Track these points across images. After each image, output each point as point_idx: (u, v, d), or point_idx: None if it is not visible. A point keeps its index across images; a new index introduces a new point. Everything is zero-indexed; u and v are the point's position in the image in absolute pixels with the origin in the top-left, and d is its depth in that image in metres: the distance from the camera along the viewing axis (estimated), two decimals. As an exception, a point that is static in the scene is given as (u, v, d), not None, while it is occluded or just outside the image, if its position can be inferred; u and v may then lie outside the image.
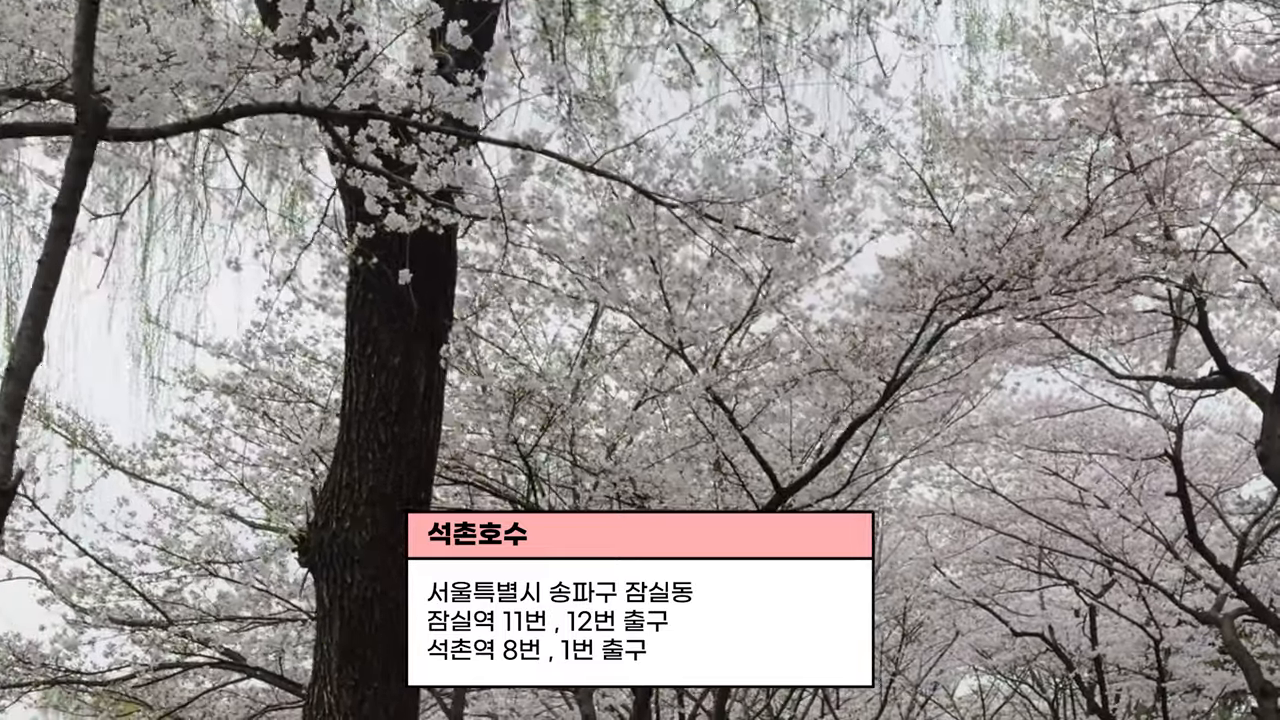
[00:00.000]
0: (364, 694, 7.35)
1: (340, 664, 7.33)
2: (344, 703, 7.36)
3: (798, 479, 9.14)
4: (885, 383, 8.53)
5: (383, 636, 7.33)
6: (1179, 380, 12.40)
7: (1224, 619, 15.59)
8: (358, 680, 7.34)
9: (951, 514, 16.98)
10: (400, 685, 7.43)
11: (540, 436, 8.72)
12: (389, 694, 7.40)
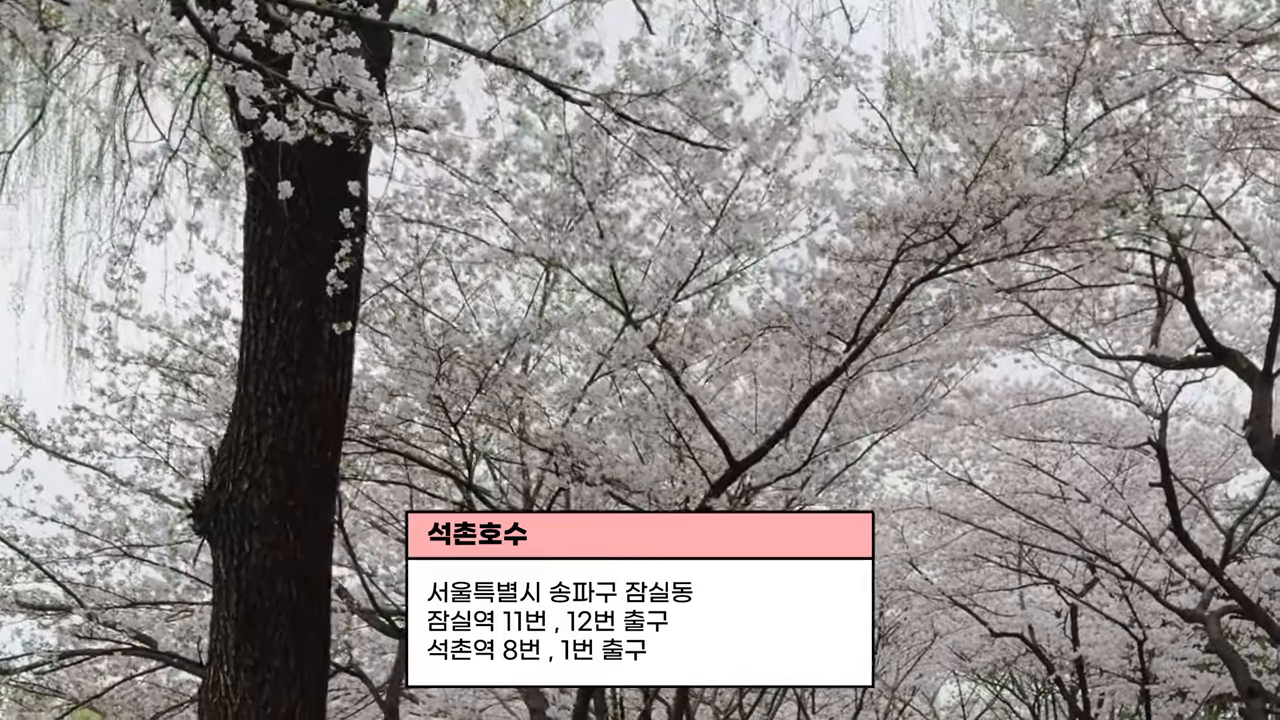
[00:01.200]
0: (264, 675, 6.65)
1: (238, 641, 6.63)
2: (242, 684, 6.66)
3: (753, 452, 8.48)
4: (846, 344, 7.88)
5: (285, 610, 6.64)
6: (1164, 360, 11.78)
7: (1210, 617, 14.97)
8: (257, 660, 6.64)
9: (928, 508, 16.31)
10: (305, 665, 6.76)
11: (471, 402, 8.05)
12: (292, 674, 6.70)
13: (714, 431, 8.26)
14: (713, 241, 7.42)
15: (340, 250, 6.33)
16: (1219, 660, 18.89)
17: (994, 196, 6.77)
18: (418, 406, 8.20)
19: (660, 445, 9.19)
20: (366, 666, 13.19)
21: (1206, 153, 10.75)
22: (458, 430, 8.18)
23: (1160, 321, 11.97)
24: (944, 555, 17.42)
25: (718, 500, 8.50)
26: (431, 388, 7.77)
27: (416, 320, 7.90)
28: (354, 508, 11.96)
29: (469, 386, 7.96)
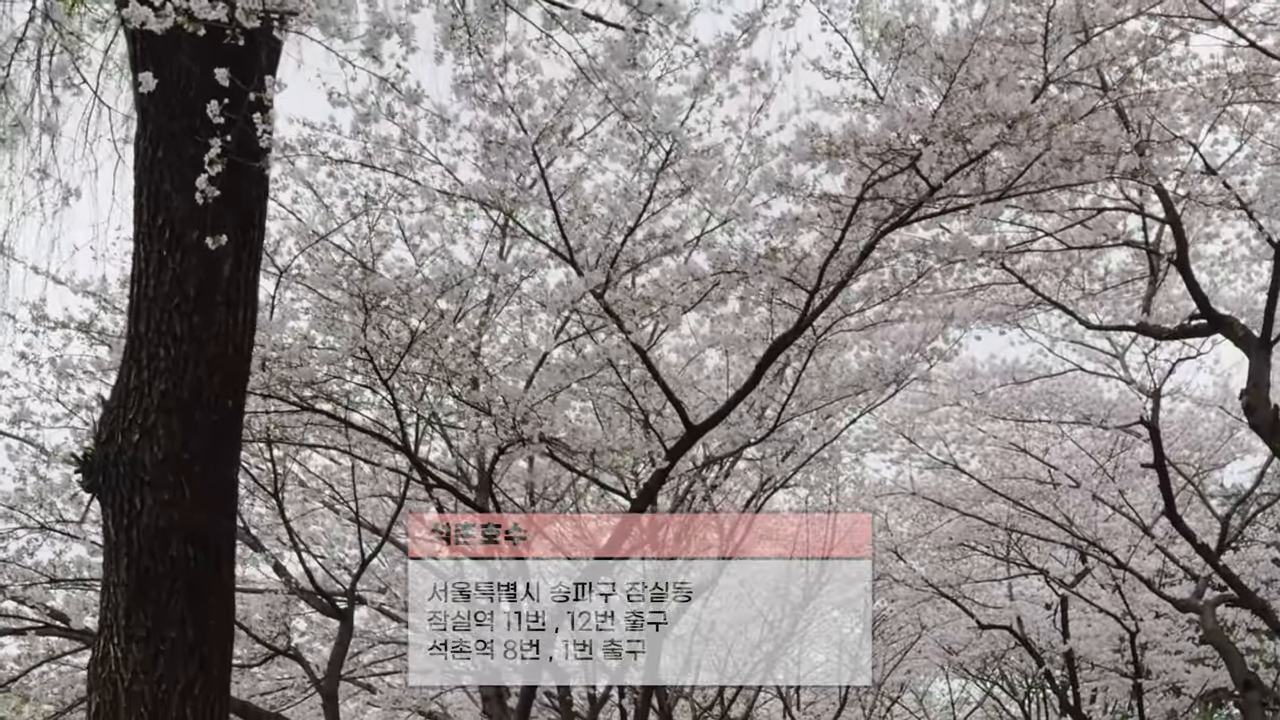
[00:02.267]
0: (158, 647, 5.98)
1: (129, 609, 5.96)
2: (133, 657, 6.00)
3: (711, 415, 7.85)
4: (808, 293, 7.25)
5: (181, 575, 5.99)
6: (1157, 330, 11.15)
7: (1205, 606, 14.36)
8: (150, 630, 5.98)
9: (912, 493, 15.68)
10: (204, 636, 6.12)
11: (403, 357, 7.42)
12: (190, 646, 6.05)
13: (669, 392, 7.63)
14: (665, 181, 6.80)
15: (242, 180, 5.75)
16: (1214, 653, 18.27)
17: (963, 117, 6.14)
18: (351, 365, 7.57)
19: (614, 409, 8.56)
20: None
21: (1202, 108, 10.20)
22: (390, 389, 7.55)
23: (1152, 290, 11.36)
24: (929, 544, 16.78)
25: (674, 467, 7.88)
26: (355, 338, 7.14)
27: (346, 267, 7.26)
28: (303, 485, 11.34)
29: (402, 340, 7.33)
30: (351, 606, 9.43)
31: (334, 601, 9.50)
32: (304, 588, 9.54)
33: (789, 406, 9.06)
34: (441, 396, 8.46)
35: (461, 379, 7.61)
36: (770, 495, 12.85)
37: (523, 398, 7.34)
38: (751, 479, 13.16)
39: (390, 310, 7.31)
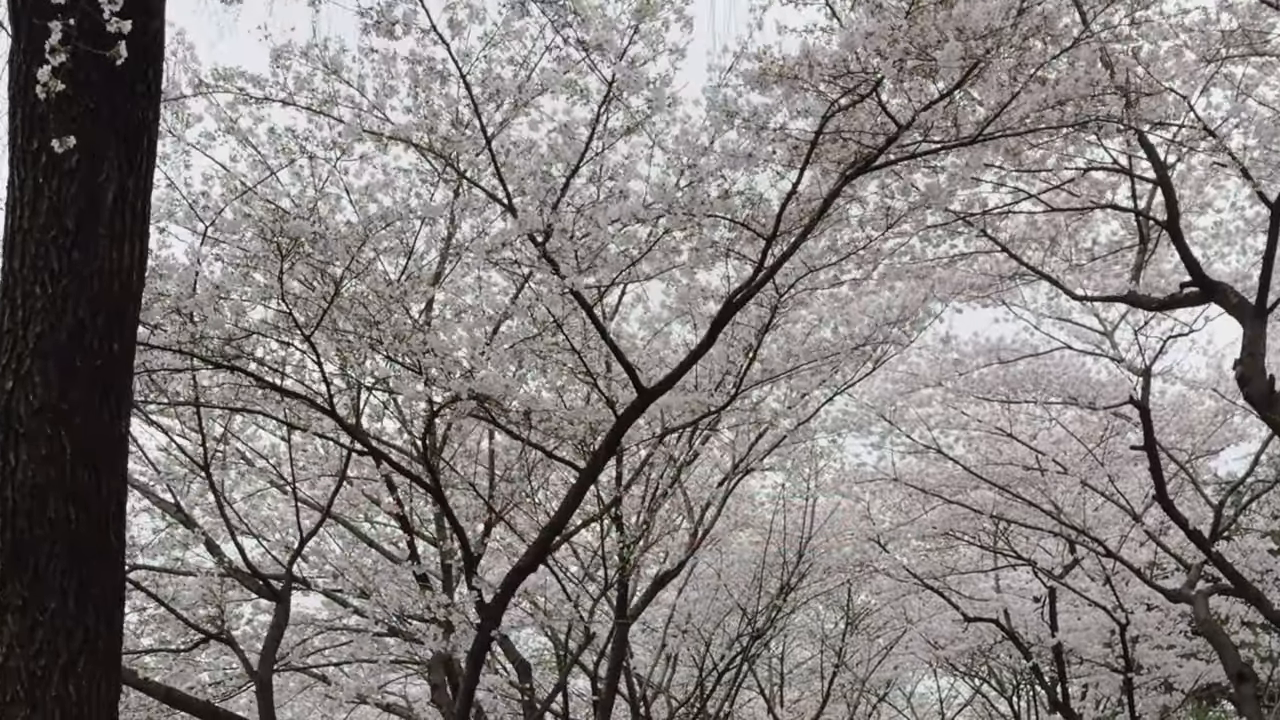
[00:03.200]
0: (35, 618, 5.40)
1: (2, 577, 5.39)
2: (9, 630, 5.41)
3: (664, 378, 7.28)
4: (765, 240, 6.68)
5: (62, 539, 5.41)
6: (1146, 300, 10.60)
7: (1198, 596, 13.79)
8: (26, 600, 5.39)
9: (893, 479, 15.11)
10: (88, 608, 5.54)
11: (326, 310, 6.83)
12: (73, 618, 5.47)
13: (618, 353, 7.06)
14: (608, 117, 6.23)
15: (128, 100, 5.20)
16: (1207, 647, 17.73)
17: (928, 34, 5.57)
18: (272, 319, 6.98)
19: (563, 374, 7.98)
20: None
21: (1193, 66, 9.67)
22: (313, 346, 6.96)
23: (1142, 259, 10.81)
24: (912, 533, 16.20)
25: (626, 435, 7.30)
26: (270, 287, 6.56)
27: (261, 212, 6.68)
28: (248, 463, 10.76)
29: (325, 295, 6.76)
30: (288, 588, 8.85)
31: (270, 583, 8.92)
32: (238, 568, 8.96)
33: (751, 373, 8.47)
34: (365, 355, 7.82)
35: (391, 338, 7.01)
36: (742, 478, 12.28)
37: (455, 350, 6.76)
38: (724, 461, 12.60)
39: (311, 259, 6.75)
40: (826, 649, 20.32)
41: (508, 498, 9.52)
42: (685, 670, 19.25)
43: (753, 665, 19.41)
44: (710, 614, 16.79)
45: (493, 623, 7.84)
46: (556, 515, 7.70)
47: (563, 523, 7.71)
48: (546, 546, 7.84)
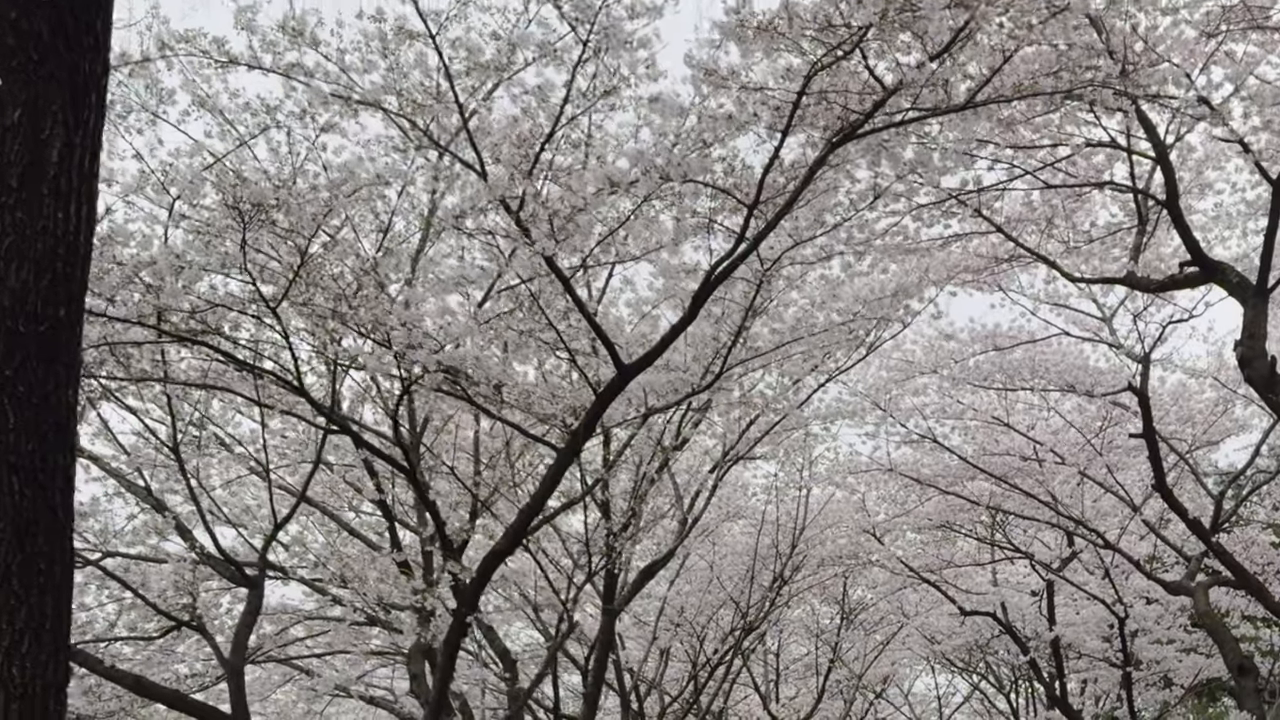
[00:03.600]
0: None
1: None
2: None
3: (644, 354, 7.02)
4: (747, 208, 6.43)
5: (5, 516, 5.16)
6: (1146, 282, 10.34)
7: (1197, 588, 13.54)
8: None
9: (888, 470, 14.85)
10: (32, 587, 5.29)
11: (292, 281, 6.59)
12: (15, 597, 5.23)
13: (596, 328, 6.80)
14: (582, 79, 5.98)
15: (74, 52, 4.93)
16: (1207, 642, 17.48)
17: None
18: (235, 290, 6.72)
19: (538, 348, 7.72)
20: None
21: (1192, 42, 9.43)
22: (279, 319, 6.70)
23: (1140, 240, 10.56)
24: (908, 524, 15.94)
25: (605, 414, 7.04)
26: (231, 256, 6.31)
27: (225, 177, 6.42)
28: (226, 449, 10.52)
29: (293, 266, 6.51)
30: (262, 575, 8.60)
31: (243, 570, 8.67)
32: (211, 554, 8.71)
33: (737, 354, 8.21)
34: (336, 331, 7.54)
35: (360, 312, 6.75)
36: (732, 466, 12.03)
37: (422, 322, 6.50)
38: (714, 450, 12.35)
39: (276, 228, 6.50)
40: (822, 644, 20.06)
41: (492, 485, 9.26)
42: (680, 666, 19.02)
43: (747, 661, 19.17)
44: (703, 607, 16.54)
45: (468, 608, 7.59)
46: (534, 497, 7.45)
47: (540, 504, 7.46)
48: (524, 529, 7.59)
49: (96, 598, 10.52)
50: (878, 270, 10.78)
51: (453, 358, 6.58)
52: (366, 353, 6.83)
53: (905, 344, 13.34)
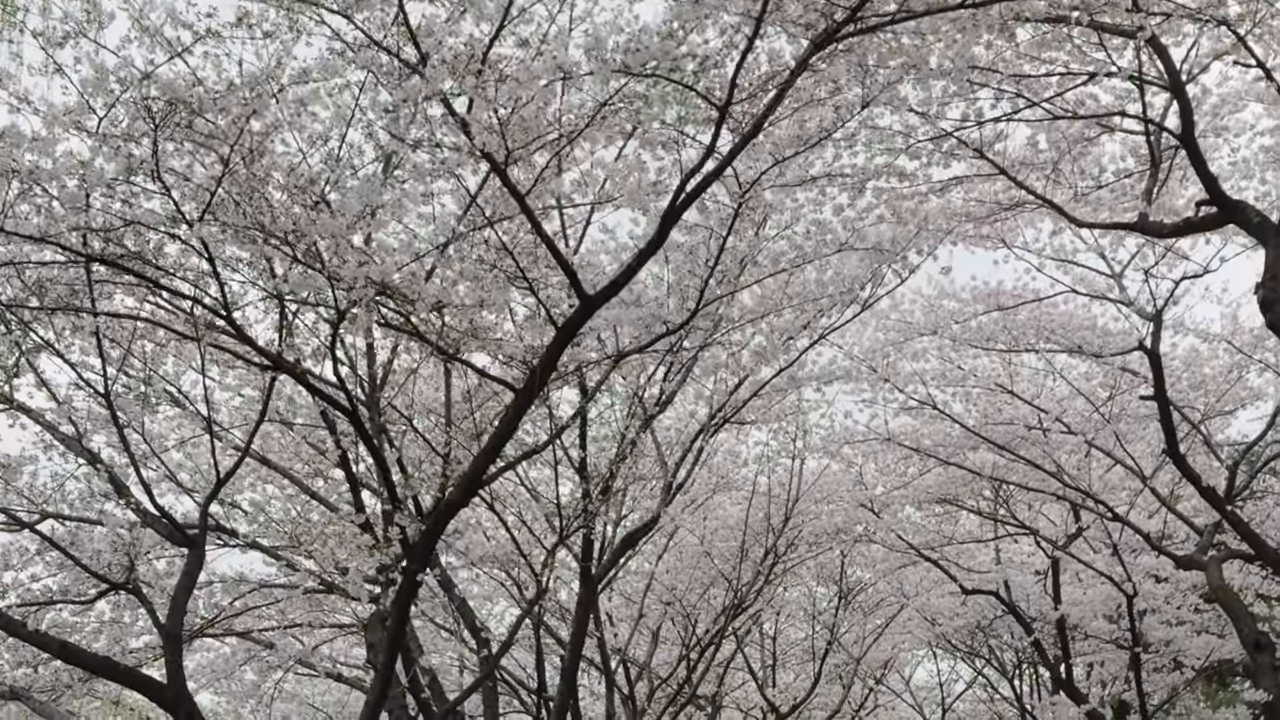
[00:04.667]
0: None
1: None
2: None
3: (608, 284, 6.35)
4: (718, 109, 5.76)
5: None
6: (1158, 227, 9.66)
7: (1210, 561, 12.87)
8: None
9: (886, 439, 14.18)
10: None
11: (214, 193, 5.89)
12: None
13: (556, 252, 6.13)
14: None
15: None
16: (1218, 623, 16.82)
17: None
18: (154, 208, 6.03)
19: (495, 280, 7.03)
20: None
21: None
22: (203, 240, 6.01)
23: (1153, 184, 9.87)
24: (907, 498, 15.25)
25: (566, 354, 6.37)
26: (140, 161, 5.63)
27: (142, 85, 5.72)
28: (178, 405, 9.86)
29: (214, 174, 5.82)
30: (203, 533, 7.94)
31: (183, 529, 8.01)
32: (148, 511, 8.06)
33: (713, 286, 7.54)
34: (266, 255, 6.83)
35: (283, 220, 6.03)
36: (718, 430, 11.36)
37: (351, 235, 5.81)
38: (698, 411, 11.69)
39: (194, 135, 5.82)
40: (819, 627, 19.38)
41: (450, 437, 8.59)
42: (672, 649, 18.37)
43: (742, 644, 18.49)
44: (693, 584, 15.86)
45: (419, 565, 6.94)
46: (490, 440, 6.79)
47: (496, 449, 6.80)
48: (479, 477, 6.93)
49: (43, 564, 9.89)
50: (872, 217, 10.13)
51: (383, 271, 5.91)
52: (301, 277, 6.15)
53: (904, 303, 12.66)
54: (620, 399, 11.08)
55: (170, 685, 7.53)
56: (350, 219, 5.70)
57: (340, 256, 5.80)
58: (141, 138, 5.73)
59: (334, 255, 5.84)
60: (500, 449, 6.84)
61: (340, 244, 5.78)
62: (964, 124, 8.94)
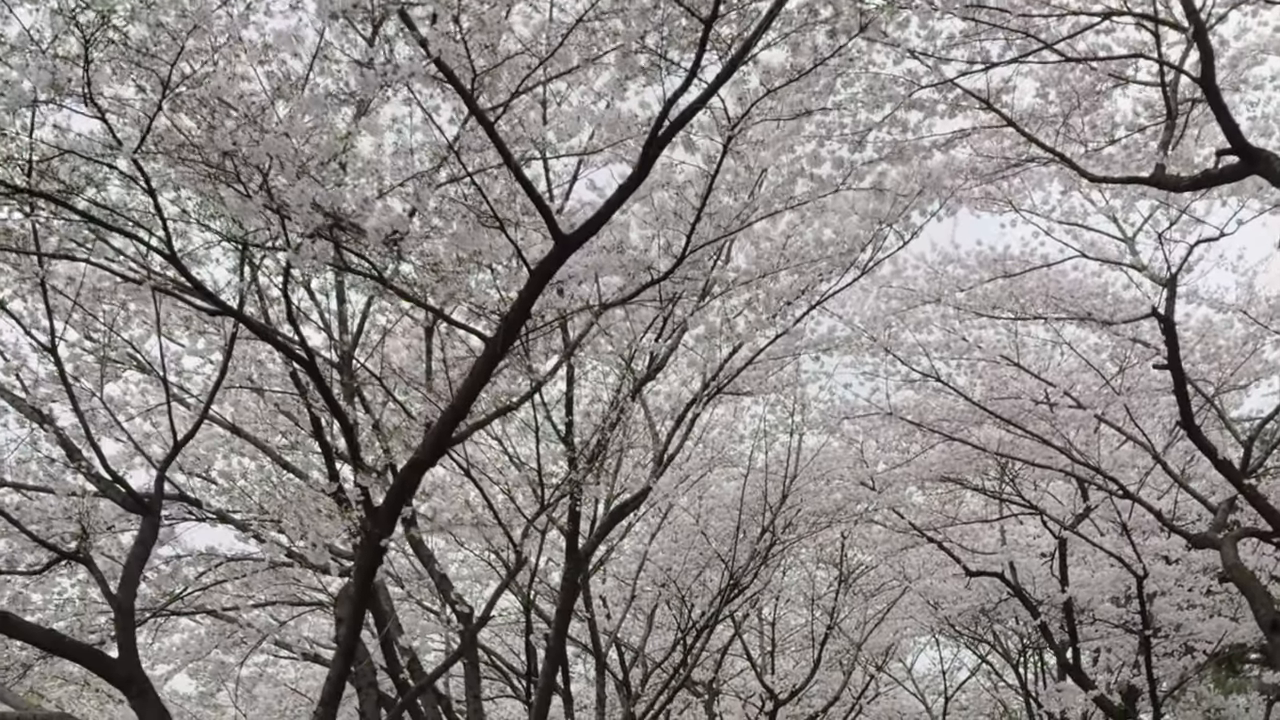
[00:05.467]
0: None
1: None
2: None
3: (587, 222, 5.84)
4: (703, 23, 5.24)
5: None
6: (1175, 180, 9.13)
7: (1225, 539, 12.36)
8: None
9: (887, 414, 13.67)
10: None
11: (153, 120, 5.36)
12: None
13: (526, 184, 5.62)
14: None
15: None
16: (1230, 604, 16.33)
17: None
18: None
19: (465, 221, 6.52)
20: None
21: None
22: (141, 169, 5.45)
23: (1169, 136, 9.34)
24: (910, 476, 14.72)
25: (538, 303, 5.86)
26: (68, 79, 5.07)
27: None
28: (143, 371, 9.36)
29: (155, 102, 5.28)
30: (159, 499, 7.44)
31: (139, 496, 7.51)
32: (99, 475, 7.56)
33: (700, 230, 7.01)
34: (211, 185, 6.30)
35: (219, 138, 5.49)
36: (713, 398, 10.86)
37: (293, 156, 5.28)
38: (691, 379, 11.18)
39: (129, 54, 5.29)
40: (819, 611, 18.89)
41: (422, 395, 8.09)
42: (668, 635, 17.90)
43: (740, 629, 18.01)
44: (688, 564, 15.36)
45: (383, 529, 6.45)
46: (458, 396, 6.29)
47: (466, 404, 6.31)
48: (447, 435, 6.43)
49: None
50: (874, 173, 9.62)
51: (331, 196, 5.39)
52: (234, 200, 5.60)
53: (906, 269, 12.15)
54: (610, 365, 10.59)
55: (122, 662, 7.04)
56: (300, 141, 5.18)
57: (287, 179, 5.28)
58: (76, 59, 5.22)
59: (280, 177, 5.32)
60: (470, 403, 6.34)
61: (287, 167, 5.26)
62: (971, 68, 8.42)
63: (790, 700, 18.44)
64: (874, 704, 22.50)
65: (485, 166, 6.83)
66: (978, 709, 24.41)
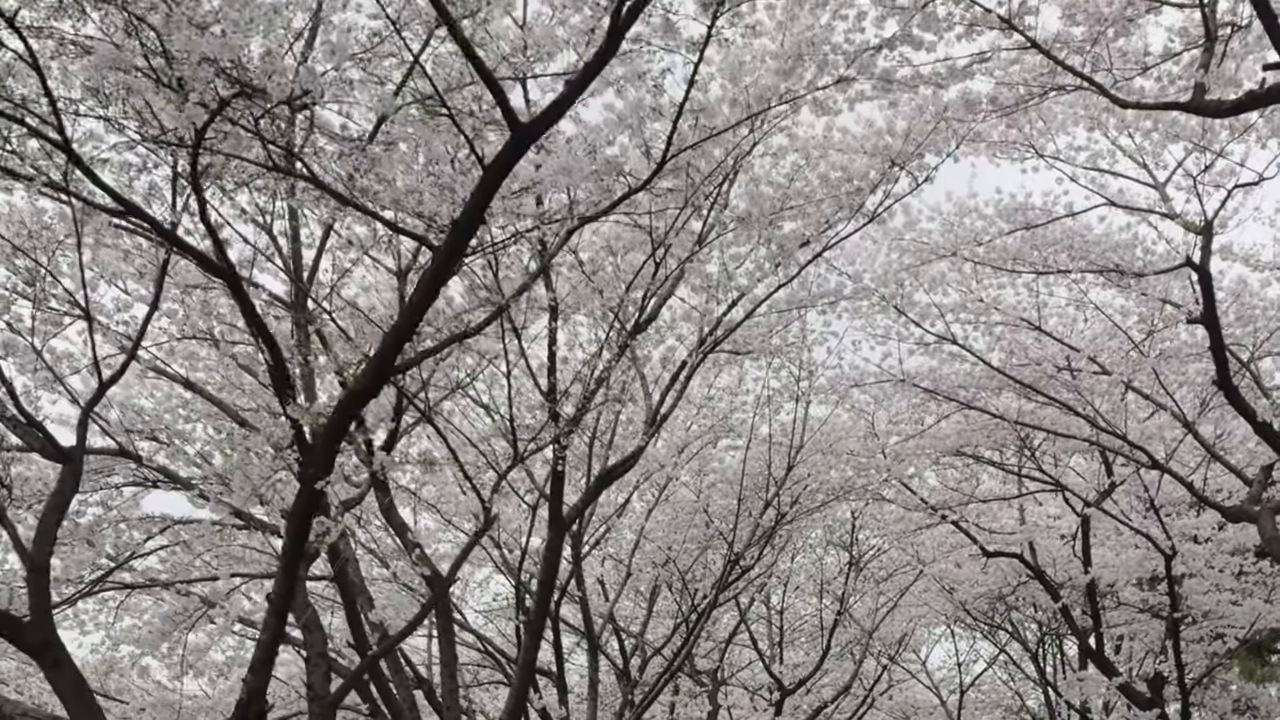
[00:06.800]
0: None
1: None
2: None
3: (546, 107, 5.02)
4: None
5: None
6: (1215, 106, 8.26)
7: (1263, 511, 11.49)
8: None
9: (900, 380, 12.80)
10: None
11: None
12: None
13: (470, 52, 4.79)
14: None
15: None
16: (1265, 586, 15.45)
17: None
18: None
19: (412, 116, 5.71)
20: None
21: None
22: (35, 63, 4.61)
23: (1208, 59, 8.49)
24: (923, 448, 13.85)
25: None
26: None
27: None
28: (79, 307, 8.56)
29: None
30: (80, 448, 6.66)
31: (56, 441, 6.73)
32: (13, 417, 6.77)
33: (681, 132, 6.17)
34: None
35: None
36: (709, 354, 10.03)
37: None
38: (689, 337, 10.36)
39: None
40: (829, 596, 18.05)
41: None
42: (670, 623, 17.12)
43: (745, 615, 17.17)
44: (688, 543, 14.53)
45: (320, 469, 5.65)
46: (403, 315, 5.48)
47: (411, 326, 5.49)
48: (390, 361, 5.63)
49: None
50: (884, 103, 8.80)
51: (229, 46, 4.54)
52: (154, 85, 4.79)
53: (920, 221, 11.30)
54: (597, 319, 9.78)
55: (34, 627, 6.25)
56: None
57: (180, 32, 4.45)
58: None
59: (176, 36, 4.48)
60: (415, 323, 5.52)
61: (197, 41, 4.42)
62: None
63: (798, 690, 17.61)
64: (886, 697, 21.64)
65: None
66: (994, 702, 23.51)
